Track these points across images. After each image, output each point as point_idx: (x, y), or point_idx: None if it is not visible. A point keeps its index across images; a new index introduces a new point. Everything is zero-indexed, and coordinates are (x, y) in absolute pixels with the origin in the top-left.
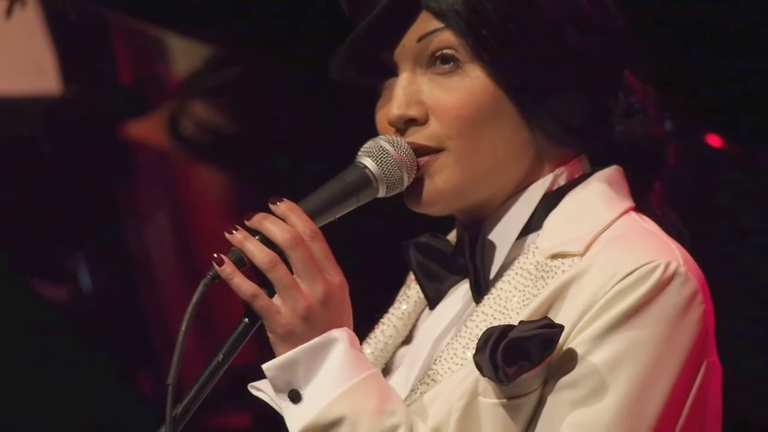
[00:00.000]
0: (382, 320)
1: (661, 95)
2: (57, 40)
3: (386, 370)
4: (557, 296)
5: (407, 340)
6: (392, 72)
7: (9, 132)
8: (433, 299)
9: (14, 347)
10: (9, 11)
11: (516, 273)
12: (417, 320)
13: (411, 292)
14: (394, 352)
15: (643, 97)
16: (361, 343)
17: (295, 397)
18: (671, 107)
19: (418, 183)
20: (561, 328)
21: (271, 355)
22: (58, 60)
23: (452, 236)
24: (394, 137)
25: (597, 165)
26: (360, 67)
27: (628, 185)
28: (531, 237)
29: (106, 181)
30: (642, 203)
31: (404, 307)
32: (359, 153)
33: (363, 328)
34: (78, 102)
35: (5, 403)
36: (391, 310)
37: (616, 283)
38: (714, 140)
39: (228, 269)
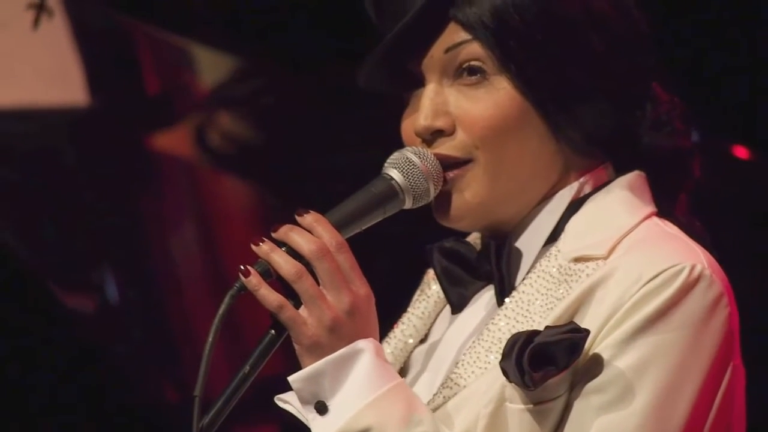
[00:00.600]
0: (401, 319)
1: (688, 106)
2: (83, 51)
3: (404, 369)
4: (583, 300)
5: (424, 339)
6: (419, 82)
7: (35, 143)
8: (456, 304)
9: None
10: (36, 22)
11: (538, 276)
12: (435, 319)
13: (431, 292)
14: (411, 352)
15: (671, 109)
16: (381, 342)
17: (321, 408)
18: (697, 118)
19: (446, 197)
20: (587, 332)
21: (298, 367)
22: (84, 71)
23: (474, 237)
24: (420, 148)
25: (621, 172)
26: (387, 76)
27: (652, 192)
28: (555, 242)
29: (132, 193)
30: (665, 210)
31: (423, 306)
32: (385, 164)
33: (382, 328)
34: (104, 113)
35: (28, 408)
36: (410, 309)
37: (642, 287)
38: (741, 152)
39: (254, 280)
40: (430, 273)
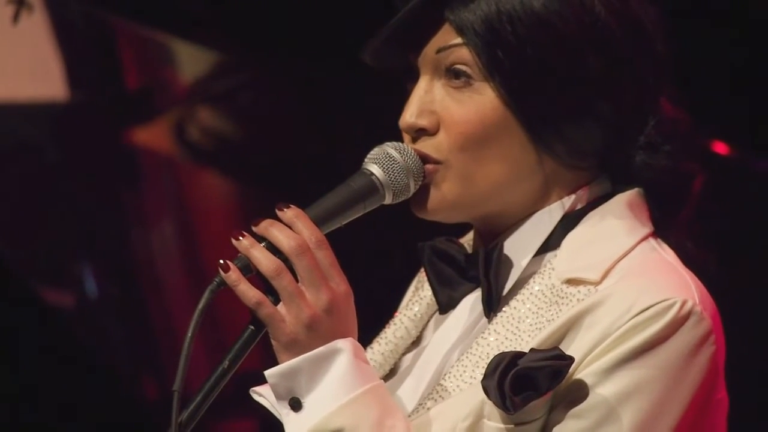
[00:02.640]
0: (393, 320)
1: (696, 125)
2: (63, 46)
3: (393, 371)
4: (571, 326)
5: (416, 341)
6: (418, 73)
7: (15, 138)
8: (444, 304)
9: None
10: (16, 17)
11: (530, 293)
12: (428, 322)
13: (424, 294)
14: (403, 354)
15: (674, 129)
16: (371, 343)
17: (295, 405)
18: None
19: (424, 190)
20: (571, 360)
21: (276, 362)
22: (65, 66)
23: (467, 238)
24: (401, 144)
25: (619, 186)
26: (391, 59)
27: (650, 210)
28: (548, 256)
29: (112, 188)
30: (662, 230)
31: (416, 309)
32: (366, 160)
33: (372, 329)
34: (84, 108)
35: (6, 404)
36: (403, 310)
37: (631, 318)
38: (721, 148)
39: (234, 276)
40: (423, 273)
